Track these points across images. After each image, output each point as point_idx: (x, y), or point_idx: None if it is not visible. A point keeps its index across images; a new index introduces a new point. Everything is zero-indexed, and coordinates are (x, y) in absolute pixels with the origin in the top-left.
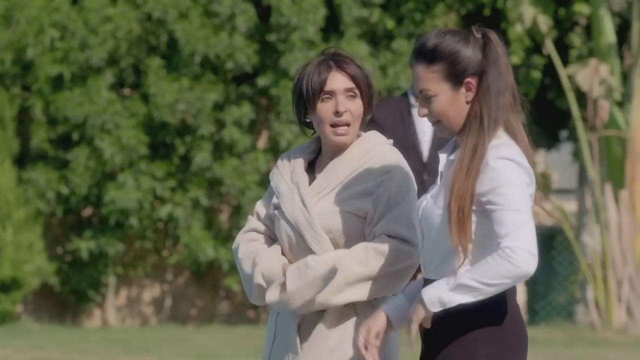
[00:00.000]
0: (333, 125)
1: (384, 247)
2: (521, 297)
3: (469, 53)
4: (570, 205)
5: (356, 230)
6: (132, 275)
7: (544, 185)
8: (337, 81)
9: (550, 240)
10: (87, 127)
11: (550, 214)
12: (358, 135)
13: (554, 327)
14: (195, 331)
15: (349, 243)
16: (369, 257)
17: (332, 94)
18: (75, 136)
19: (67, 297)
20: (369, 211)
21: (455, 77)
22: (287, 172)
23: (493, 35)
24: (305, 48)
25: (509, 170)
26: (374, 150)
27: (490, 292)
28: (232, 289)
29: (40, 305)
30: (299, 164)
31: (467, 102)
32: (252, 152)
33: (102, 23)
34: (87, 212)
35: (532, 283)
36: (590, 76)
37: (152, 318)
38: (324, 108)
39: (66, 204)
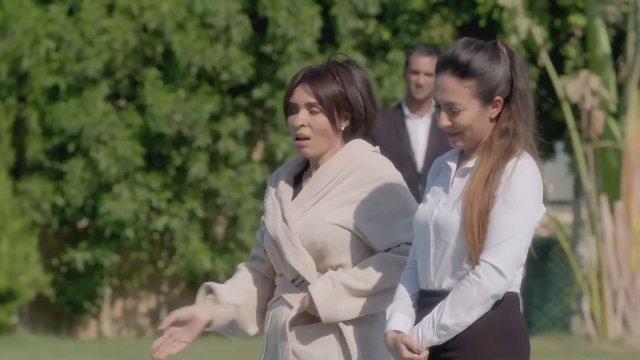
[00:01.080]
0: (296, 138)
1: (401, 259)
2: None
3: (501, 72)
4: (565, 217)
5: (341, 242)
6: (128, 287)
7: None
8: (300, 95)
9: (545, 252)
10: (82, 138)
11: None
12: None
13: (549, 339)
14: (192, 342)
15: (334, 255)
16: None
17: (295, 106)
18: (70, 147)
19: (63, 309)
20: (360, 224)
21: (487, 94)
22: (274, 189)
23: (517, 53)
24: (301, 59)
25: (529, 185)
26: (358, 159)
27: (472, 321)
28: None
29: (35, 316)
30: (284, 178)
31: (492, 119)
32: (248, 164)
33: (98, 34)
34: (83, 223)
35: (527, 294)
36: (581, 87)
37: (148, 329)
38: (290, 120)
39: (62, 215)
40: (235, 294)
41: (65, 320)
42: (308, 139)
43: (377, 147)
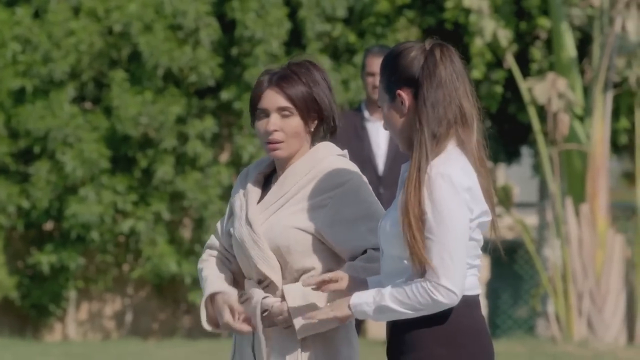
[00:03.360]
0: (267, 142)
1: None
2: (482, 311)
3: (403, 66)
4: (531, 219)
5: (304, 246)
6: (93, 290)
7: (504, 199)
8: (271, 100)
9: (511, 254)
10: (49, 140)
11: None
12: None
13: (515, 341)
14: (157, 345)
15: (297, 259)
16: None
17: (265, 111)
18: (36, 150)
19: (28, 312)
20: (322, 228)
21: (390, 89)
22: (242, 189)
23: (439, 48)
24: (268, 62)
25: (443, 191)
26: (324, 163)
27: (408, 316)
28: (194, 303)
29: (0, 319)
30: (253, 179)
31: (404, 115)
32: (214, 166)
33: (64, 37)
34: (48, 226)
35: (493, 296)
36: (548, 90)
37: (113, 332)
38: (259, 125)
39: (27, 217)
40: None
41: (30, 324)
42: (281, 142)
43: (345, 151)
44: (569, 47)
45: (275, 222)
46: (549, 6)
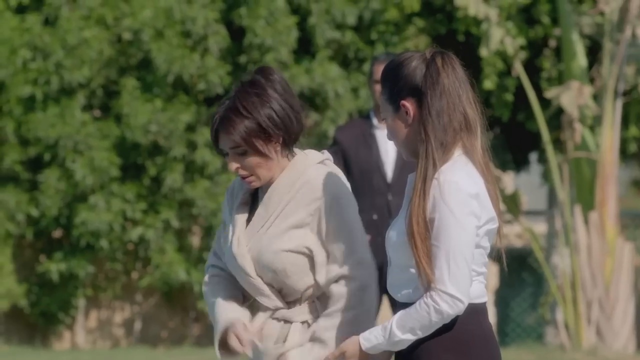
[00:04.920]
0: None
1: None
2: (491, 319)
3: (405, 76)
4: (540, 227)
5: (300, 267)
6: (102, 297)
7: (513, 207)
8: (223, 141)
9: (520, 262)
10: (59, 148)
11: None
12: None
13: (523, 349)
14: (166, 353)
15: (296, 279)
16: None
17: (223, 151)
18: (46, 157)
19: (37, 320)
20: (312, 249)
21: (394, 99)
22: (229, 211)
23: (440, 56)
24: (278, 69)
25: (451, 197)
26: (303, 177)
27: (425, 335)
28: (203, 311)
29: (9, 327)
30: (239, 200)
31: (408, 125)
32: (223, 174)
33: (74, 44)
34: (58, 233)
35: (502, 304)
36: (575, 98)
37: (122, 340)
38: (227, 161)
39: (36, 225)
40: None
41: (39, 331)
42: (250, 176)
43: (326, 154)
44: (578, 55)
45: (265, 246)
46: (559, 14)
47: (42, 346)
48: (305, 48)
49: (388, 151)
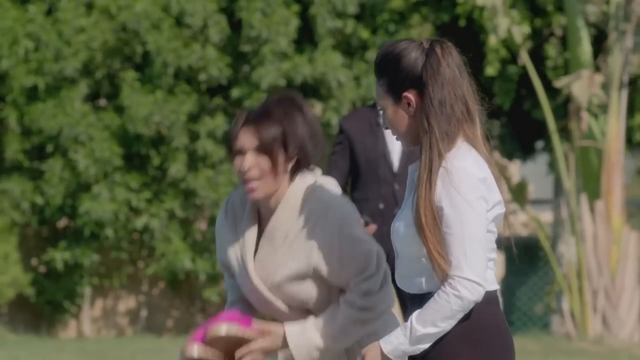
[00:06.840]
0: (244, 181)
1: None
2: None
3: (406, 67)
4: (546, 216)
5: (315, 293)
6: (108, 286)
7: (519, 196)
8: (245, 138)
9: (526, 251)
10: (61, 138)
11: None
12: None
13: (529, 338)
14: (171, 342)
15: (316, 303)
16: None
17: (241, 150)
18: (49, 147)
19: (43, 308)
20: (322, 270)
21: (394, 91)
22: (232, 235)
23: (439, 46)
24: (277, 60)
25: (459, 183)
26: (307, 202)
27: (449, 327)
28: (209, 300)
29: (15, 316)
30: (247, 224)
31: (411, 116)
32: (226, 164)
33: (76, 34)
34: (62, 223)
35: (508, 293)
36: (587, 88)
37: (127, 329)
38: (237, 163)
39: (41, 214)
40: None
41: (45, 320)
42: (258, 179)
43: (318, 174)
44: (584, 44)
45: (279, 281)
46: (564, 3)
47: (48, 335)
48: (309, 37)
49: (394, 140)
